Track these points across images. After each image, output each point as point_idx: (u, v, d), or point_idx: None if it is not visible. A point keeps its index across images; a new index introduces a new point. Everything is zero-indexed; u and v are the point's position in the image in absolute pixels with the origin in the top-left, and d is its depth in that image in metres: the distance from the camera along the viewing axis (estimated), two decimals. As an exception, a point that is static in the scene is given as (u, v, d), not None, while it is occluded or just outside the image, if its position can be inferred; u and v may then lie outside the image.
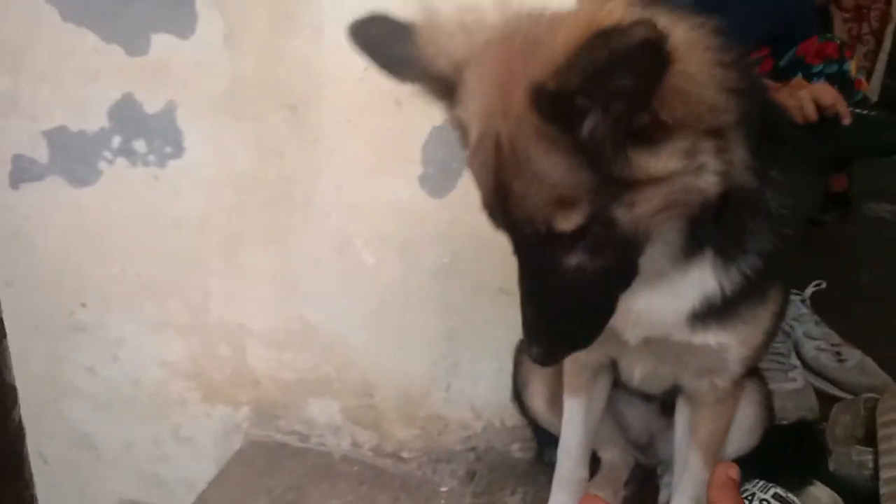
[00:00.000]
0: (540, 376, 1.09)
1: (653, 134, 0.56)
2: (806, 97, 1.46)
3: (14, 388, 1.31)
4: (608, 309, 0.67)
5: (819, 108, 1.45)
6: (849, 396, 1.27)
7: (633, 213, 0.59)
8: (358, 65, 1.11)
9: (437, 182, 1.17)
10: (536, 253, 0.63)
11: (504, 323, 1.20)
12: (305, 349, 1.35)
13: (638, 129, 0.55)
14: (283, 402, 1.42)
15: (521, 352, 1.13)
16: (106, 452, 1.58)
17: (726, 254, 0.71)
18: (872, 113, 1.55)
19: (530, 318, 0.66)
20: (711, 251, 0.70)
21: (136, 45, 1.24)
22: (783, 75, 1.65)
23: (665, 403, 1.04)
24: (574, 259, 0.62)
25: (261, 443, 1.41)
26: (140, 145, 1.31)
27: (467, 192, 1.14)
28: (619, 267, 0.64)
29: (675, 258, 0.69)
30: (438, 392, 1.31)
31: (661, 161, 0.57)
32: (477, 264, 1.19)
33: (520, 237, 0.64)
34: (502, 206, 0.62)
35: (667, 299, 0.74)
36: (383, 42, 0.68)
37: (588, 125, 0.55)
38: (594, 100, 0.53)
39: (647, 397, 1.04)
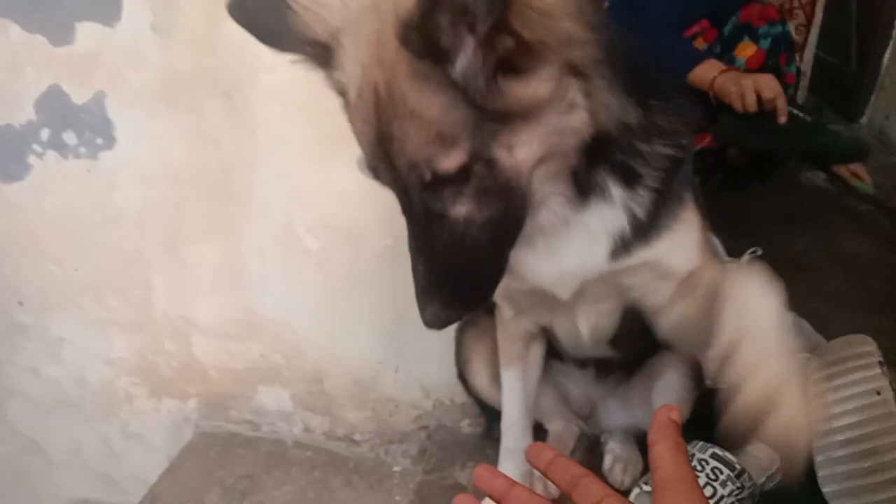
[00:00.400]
0: (480, 355, 1.11)
1: (520, 62, 0.58)
2: (749, 86, 1.48)
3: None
4: (498, 266, 0.69)
5: (760, 99, 1.49)
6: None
7: (513, 157, 0.61)
8: (291, 50, 1.12)
9: (376, 165, 1.16)
10: (423, 205, 0.64)
11: (449, 303, 1.21)
12: (253, 339, 1.35)
13: (506, 57, 0.57)
14: (232, 393, 1.41)
15: (461, 331, 1.14)
16: (54, 455, 1.55)
17: (627, 183, 0.72)
18: (806, 117, 1.58)
19: (422, 278, 0.67)
20: (610, 185, 0.72)
21: (60, 35, 1.20)
22: (729, 43, 1.67)
23: (600, 367, 1.07)
24: (461, 208, 0.63)
25: (211, 434, 1.40)
26: (70, 137, 1.27)
27: (407, 174, 1.16)
28: (506, 220, 0.65)
29: (574, 205, 0.71)
30: (388, 374, 1.31)
31: (529, 87, 0.59)
32: (420, 246, 1.20)
33: (406, 190, 0.64)
34: (385, 156, 0.63)
35: (584, 245, 0.76)
36: (261, 16, 0.70)
37: (459, 60, 0.57)
38: (454, 22, 0.54)
39: (583, 363, 1.07)
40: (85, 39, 1.19)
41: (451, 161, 0.60)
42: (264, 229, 1.26)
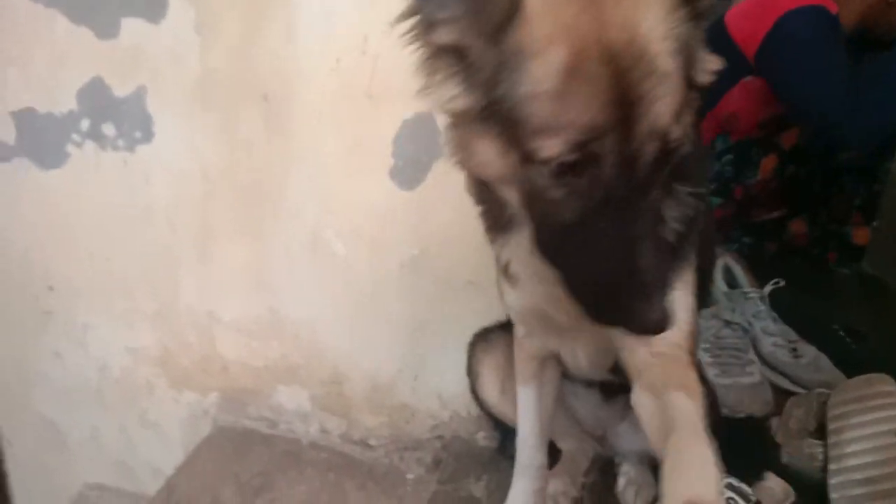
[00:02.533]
0: (490, 368, 1.12)
1: None
2: None
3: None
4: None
5: None
6: (803, 391, 1.31)
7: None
8: (330, 59, 1.14)
9: (407, 175, 1.18)
10: (647, 182, 0.58)
11: (471, 315, 1.21)
12: (274, 338, 1.36)
13: None
14: (251, 389, 1.42)
15: (473, 345, 1.15)
16: (72, 439, 1.58)
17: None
18: None
19: (648, 269, 0.58)
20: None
21: (106, 29, 1.23)
22: None
23: (606, 389, 1.07)
24: (656, 192, 0.59)
25: (229, 429, 1.42)
26: (109, 129, 1.30)
27: (437, 186, 1.17)
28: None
29: None
30: (406, 381, 1.32)
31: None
32: (445, 257, 1.21)
33: (633, 163, 0.57)
34: (622, 121, 0.56)
35: None
36: None
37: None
38: None
39: (589, 384, 1.07)
40: (129, 34, 1.22)
41: (676, 132, 0.57)
42: (292, 232, 1.27)
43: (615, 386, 1.04)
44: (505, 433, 1.19)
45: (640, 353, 0.79)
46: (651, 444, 0.78)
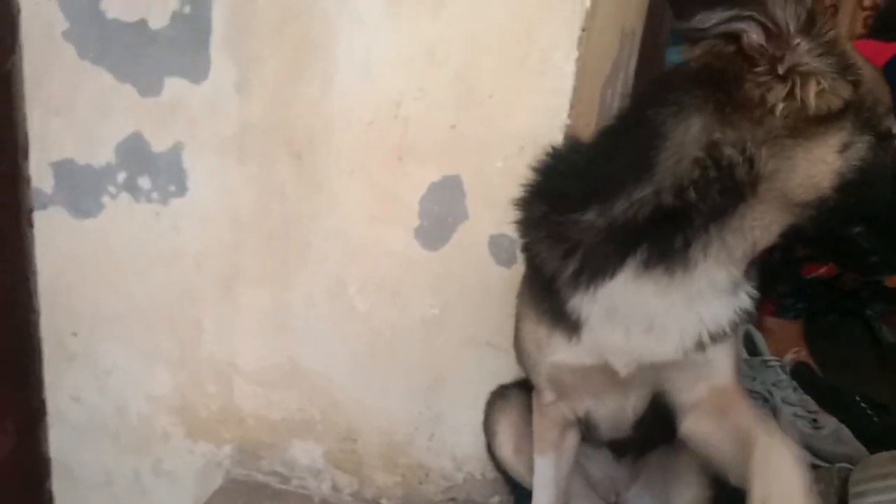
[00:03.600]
0: (507, 426, 1.13)
1: None
2: None
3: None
4: None
5: None
6: (824, 464, 1.29)
7: None
8: (363, 119, 1.18)
9: (431, 235, 1.20)
10: None
11: (489, 375, 1.22)
12: (292, 389, 1.37)
13: None
14: (266, 442, 1.42)
15: (491, 402, 1.16)
16: (85, 483, 1.58)
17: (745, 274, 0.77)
18: None
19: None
20: (753, 277, 0.77)
21: (149, 87, 1.29)
22: None
23: (616, 448, 1.07)
24: None
25: (241, 482, 1.41)
26: (144, 182, 1.34)
27: (460, 247, 1.19)
28: None
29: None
30: (421, 440, 1.32)
31: None
32: (466, 317, 1.22)
33: None
34: None
35: (692, 317, 0.79)
36: None
37: None
38: None
39: (599, 444, 1.07)
40: (171, 92, 1.27)
41: None
42: (316, 281, 1.29)
43: (626, 443, 1.05)
44: (519, 497, 1.18)
45: (696, 389, 0.85)
46: (717, 463, 0.86)
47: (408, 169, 1.17)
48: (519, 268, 1.15)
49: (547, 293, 0.85)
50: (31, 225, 1.38)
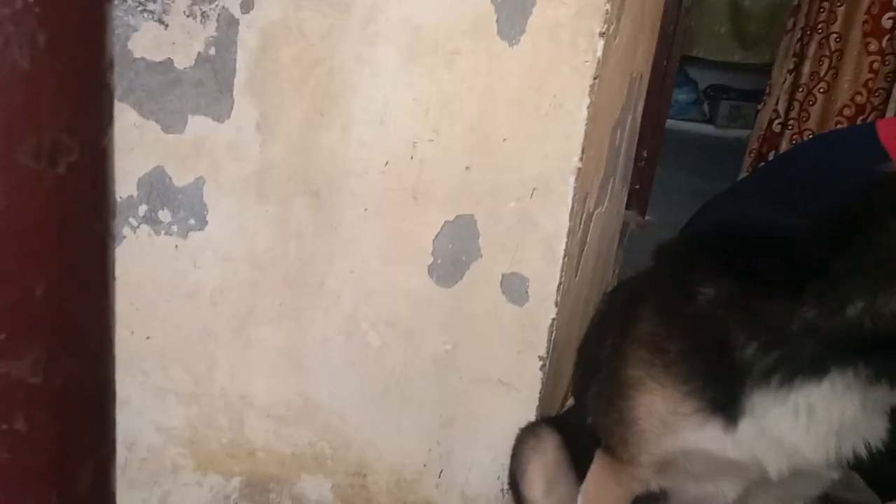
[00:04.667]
0: (538, 466, 1.12)
1: None
2: None
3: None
4: None
5: None
6: (834, 511, 1.29)
7: None
8: (380, 161, 1.21)
9: (445, 273, 1.23)
10: None
11: (500, 413, 1.24)
12: (304, 425, 1.38)
13: None
14: (276, 476, 1.43)
15: (522, 439, 1.16)
16: (92, 514, 1.58)
17: None
18: None
19: None
20: None
21: (172, 124, 1.33)
22: None
23: None
24: None
25: (250, 515, 1.42)
26: (165, 215, 1.38)
27: (473, 285, 1.22)
28: None
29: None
30: (430, 478, 1.33)
31: None
32: (478, 354, 1.24)
33: None
34: None
35: (877, 422, 0.76)
36: None
37: None
38: None
39: None
40: (194, 130, 1.31)
41: None
42: (330, 320, 1.32)
43: None
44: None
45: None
46: None
47: (422, 209, 1.20)
48: (530, 307, 1.18)
49: (716, 379, 0.80)
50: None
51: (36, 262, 0.30)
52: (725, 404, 0.79)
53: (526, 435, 1.15)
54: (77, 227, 0.31)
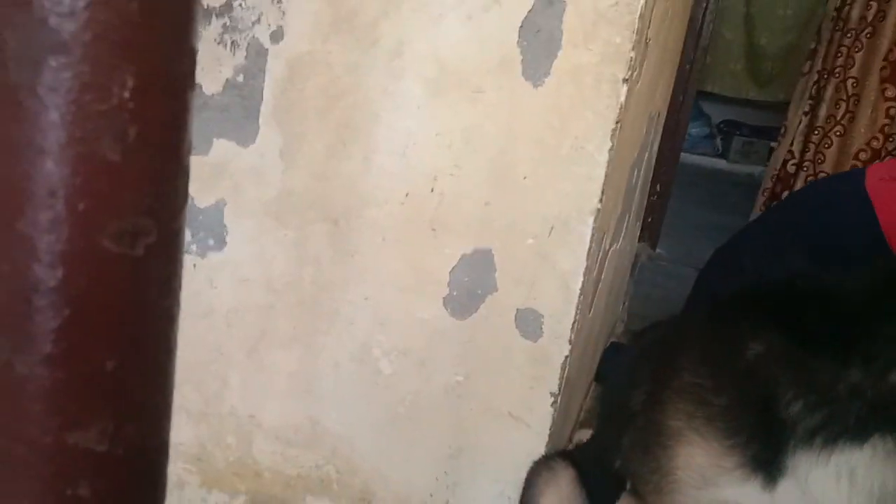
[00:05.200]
0: (552, 499, 1.12)
1: None
2: None
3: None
4: None
5: None
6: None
7: None
8: (400, 192, 1.23)
9: (460, 304, 1.24)
10: None
11: (509, 447, 1.24)
12: (311, 448, 1.39)
13: None
14: (280, 497, 1.44)
15: (535, 472, 1.16)
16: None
17: None
18: None
19: None
20: None
21: (198, 146, 1.35)
22: None
23: None
24: None
25: (254, 537, 1.42)
26: (186, 234, 1.39)
27: (488, 317, 1.23)
28: None
29: None
30: (436, 508, 1.33)
31: None
32: (489, 387, 1.25)
33: None
34: None
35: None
36: None
37: None
38: None
39: None
40: (218, 153, 1.34)
41: None
42: (342, 346, 1.33)
43: None
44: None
45: None
46: None
47: (440, 241, 1.22)
48: (544, 342, 1.19)
49: (759, 435, 0.79)
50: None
51: (109, 339, 0.31)
52: (768, 462, 0.79)
53: (540, 467, 1.16)
54: (148, 304, 0.33)
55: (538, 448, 1.23)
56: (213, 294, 1.39)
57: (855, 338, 0.75)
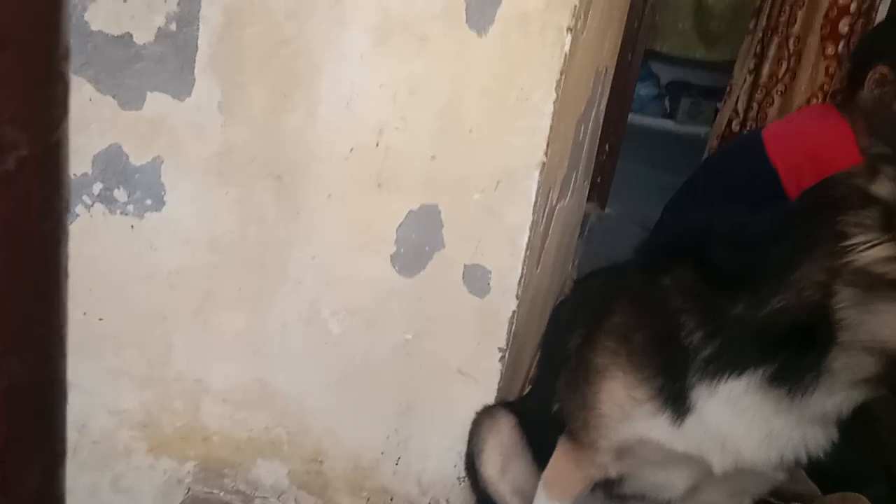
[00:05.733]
0: (494, 445, 1.14)
1: None
2: None
3: None
4: None
5: None
6: (777, 503, 1.34)
7: None
8: (344, 147, 1.20)
9: (407, 262, 1.22)
10: None
11: (458, 403, 1.24)
12: (261, 410, 1.37)
13: None
14: (230, 461, 1.42)
15: (478, 422, 1.17)
16: (39, 497, 1.54)
17: None
18: None
19: None
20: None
21: (130, 101, 1.29)
22: None
23: None
24: None
25: (203, 500, 1.40)
26: (120, 194, 1.34)
27: (435, 275, 1.22)
28: None
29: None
30: (387, 465, 1.33)
31: None
32: (438, 344, 1.24)
33: None
34: None
35: (798, 437, 0.78)
36: None
37: None
38: None
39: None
40: (153, 107, 1.28)
41: None
42: (290, 306, 1.30)
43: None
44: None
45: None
46: None
47: (387, 197, 1.19)
48: (491, 298, 1.18)
49: (667, 367, 0.82)
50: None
51: None
52: (675, 397, 0.82)
53: (482, 417, 1.17)
54: (26, 224, 0.30)
55: (485, 403, 1.23)
56: (154, 255, 1.34)
57: (748, 269, 0.78)
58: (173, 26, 1.23)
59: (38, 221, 0.31)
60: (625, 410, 0.86)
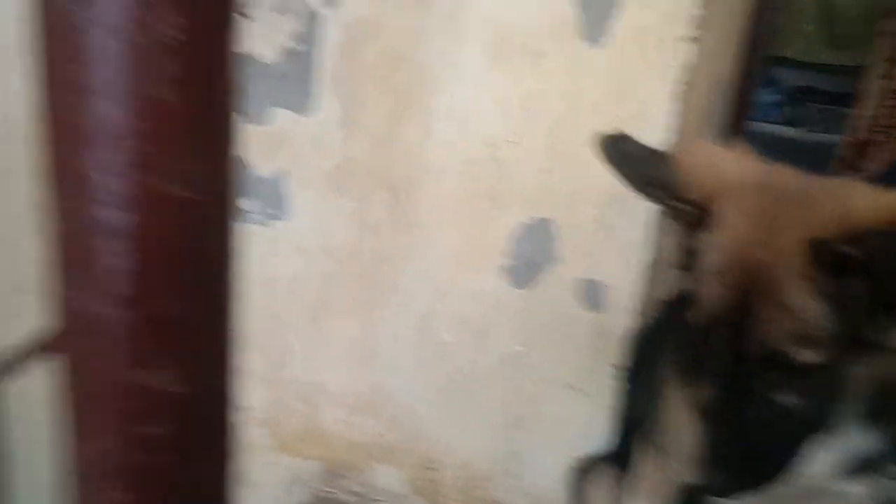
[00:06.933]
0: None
1: None
2: None
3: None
4: (792, 455, 0.68)
5: None
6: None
7: (866, 373, 0.63)
8: (459, 161, 1.22)
9: (520, 274, 1.23)
10: (747, 378, 0.65)
11: (568, 418, 1.23)
12: (374, 415, 1.41)
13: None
14: (348, 463, 1.47)
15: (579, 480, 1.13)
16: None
17: None
18: None
19: (719, 445, 0.67)
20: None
21: (258, 116, 1.36)
22: None
23: None
24: (788, 398, 0.64)
25: (323, 499, 1.46)
26: (247, 204, 1.42)
27: (547, 288, 1.21)
28: (821, 418, 0.66)
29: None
30: (498, 476, 1.34)
31: None
32: (549, 357, 1.24)
33: (736, 360, 0.65)
34: (736, 325, 0.65)
35: None
36: (633, 160, 0.71)
37: (854, 284, 0.60)
38: (871, 272, 0.59)
39: None
40: (278, 122, 1.35)
41: (805, 358, 0.62)
42: (402, 316, 1.34)
43: None
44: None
45: None
46: None
47: (500, 210, 1.20)
48: (605, 313, 1.17)
49: None
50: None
51: (173, 282, 0.32)
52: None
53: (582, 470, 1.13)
54: (209, 247, 0.33)
55: (599, 419, 1.21)
56: (276, 262, 1.41)
57: None
58: (296, 45, 1.30)
59: (217, 244, 0.34)
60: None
